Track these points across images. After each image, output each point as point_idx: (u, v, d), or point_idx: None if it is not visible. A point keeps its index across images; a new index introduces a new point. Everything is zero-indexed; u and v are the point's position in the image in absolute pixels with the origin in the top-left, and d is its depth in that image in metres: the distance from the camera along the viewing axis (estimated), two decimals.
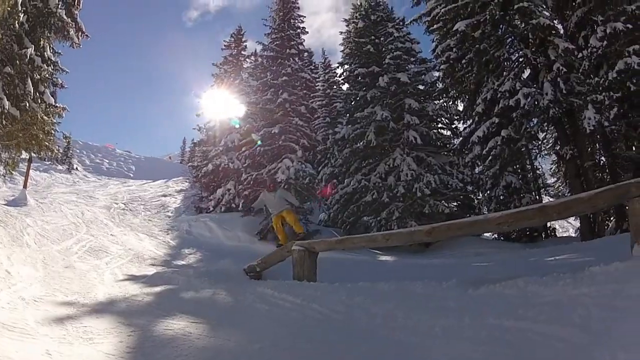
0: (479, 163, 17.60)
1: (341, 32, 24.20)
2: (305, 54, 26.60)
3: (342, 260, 11.19)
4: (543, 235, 18.42)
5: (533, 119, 16.83)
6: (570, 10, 16.44)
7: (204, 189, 27.01)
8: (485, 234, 18.57)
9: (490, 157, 16.75)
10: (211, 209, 24.23)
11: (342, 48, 22.63)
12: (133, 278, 8.30)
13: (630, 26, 14.03)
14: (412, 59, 21.09)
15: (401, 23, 21.59)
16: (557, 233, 19.93)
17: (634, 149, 17.02)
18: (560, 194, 20.96)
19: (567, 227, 25.52)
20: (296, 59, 22.95)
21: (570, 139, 16.81)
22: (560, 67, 15.43)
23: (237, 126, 23.63)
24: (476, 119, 17.63)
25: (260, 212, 20.85)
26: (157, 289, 7.06)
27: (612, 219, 17.28)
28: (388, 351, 3.64)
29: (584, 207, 5.58)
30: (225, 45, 28.45)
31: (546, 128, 18.22)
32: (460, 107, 20.07)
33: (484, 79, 17.33)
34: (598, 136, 16.81)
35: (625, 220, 16.51)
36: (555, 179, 22.52)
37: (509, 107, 16.06)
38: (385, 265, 12.70)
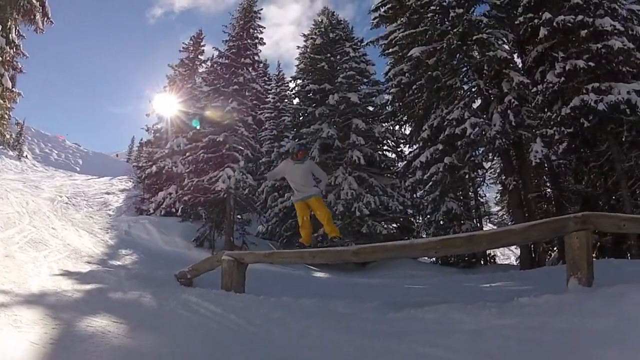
0: (420, 187, 17.58)
1: (298, 47, 24.23)
2: (260, 64, 26.40)
3: (276, 273, 11.21)
4: (482, 262, 18.57)
5: (479, 149, 16.95)
6: (531, 45, 16.56)
7: (146, 190, 26.37)
8: (424, 258, 18.57)
9: (431, 183, 16.85)
10: (151, 211, 23.70)
11: (297, 62, 22.54)
12: (67, 274, 8.18)
13: (592, 64, 14.29)
14: (365, 80, 21.33)
15: (359, 43, 21.88)
16: (497, 260, 20.17)
17: (583, 183, 17.42)
18: (503, 222, 21.25)
19: (508, 255, 25.87)
20: (250, 69, 22.57)
21: (516, 170, 17.01)
22: (512, 100, 15.68)
23: (198, 127, 23.07)
24: (421, 144, 17.71)
25: (197, 219, 20.39)
26: (88, 286, 6.98)
27: (555, 249, 17.52)
28: None
29: (516, 239, 5.77)
30: (183, 48, 27.94)
31: (491, 158, 18.33)
32: (408, 132, 20.14)
33: (433, 105, 17.45)
34: (546, 168, 17.06)
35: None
36: (500, 207, 22.84)
37: (454, 135, 16.19)
38: (317, 282, 12.77)
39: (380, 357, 3.50)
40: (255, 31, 23.50)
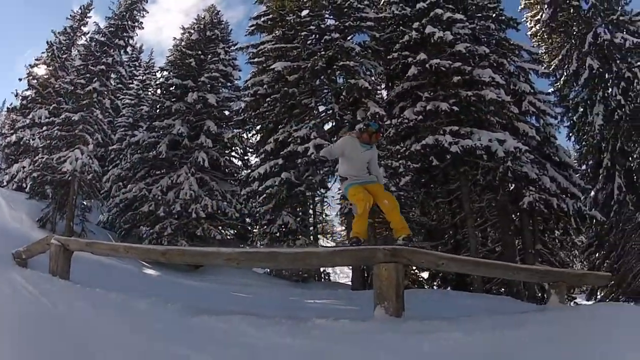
0: (257, 198, 17.62)
1: (174, 38, 23.78)
2: (134, 49, 25.69)
3: (107, 265, 11.18)
4: (316, 278, 18.97)
5: (321, 169, 17.20)
6: (399, 81, 17.22)
7: (4, 160, 24.95)
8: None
9: (265, 195, 16.92)
10: (5, 183, 22.45)
11: (169, 54, 22.12)
12: None
13: (457, 109, 15.13)
14: (229, 84, 21.33)
15: (233, 47, 21.65)
16: (333, 277, 20.72)
17: (431, 216, 18.23)
18: (344, 242, 21.79)
19: (347, 273, 26.49)
20: (122, 51, 21.98)
21: None
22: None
23: (68, 104, 21.98)
24: (263, 155, 17.78)
25: (45, 199, 19.54)
26: None
27: None
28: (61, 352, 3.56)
29: (318, 262, 6.01)
30: (70, 16, 26.58)
31: (330, 180, 18.70)
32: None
33: (284, 121, 17.59)
34: None
35: (405, 276, 17.48)
36: (343, 227, 23.44)
37: (296, 152, 16.34)
38: (145, 278, 13.06)
39: (150, 357, 3.54)
40: (139, 14, 22.86)
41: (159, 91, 21.72)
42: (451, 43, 15.98)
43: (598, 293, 20.22)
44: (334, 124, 17.61)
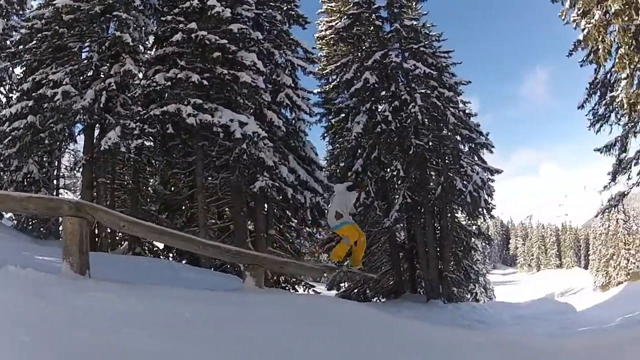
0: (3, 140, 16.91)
1: None
2: None
3: None
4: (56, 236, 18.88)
5: (67, 119, 16.72)
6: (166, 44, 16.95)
7: None
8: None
9: (10, 137, 16.46)
10: None
11: None
12: None
13: (206, 83, 15.39)
14: (21, 12, 20.68)
15: None
16: None
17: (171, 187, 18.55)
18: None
19: None
20: None
21: (95, 151, 17.18)
22: (112, 83, 15.94)
23: None
24: (19, 94, 17.55)
25: None
26: None
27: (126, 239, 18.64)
28: None
29: (15, 206, 5.75)
30: None
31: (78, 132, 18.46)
32: None
33: (47, 61, 17.18)
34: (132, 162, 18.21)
35: (138, 244, 17.97)
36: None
37: (45, 95, 15.97)
38: None
39: None
40: None
41: None
42: (227, 20, 15.94)
43: (342, 285, 21.16)
44: (90, 73, 17.32)
